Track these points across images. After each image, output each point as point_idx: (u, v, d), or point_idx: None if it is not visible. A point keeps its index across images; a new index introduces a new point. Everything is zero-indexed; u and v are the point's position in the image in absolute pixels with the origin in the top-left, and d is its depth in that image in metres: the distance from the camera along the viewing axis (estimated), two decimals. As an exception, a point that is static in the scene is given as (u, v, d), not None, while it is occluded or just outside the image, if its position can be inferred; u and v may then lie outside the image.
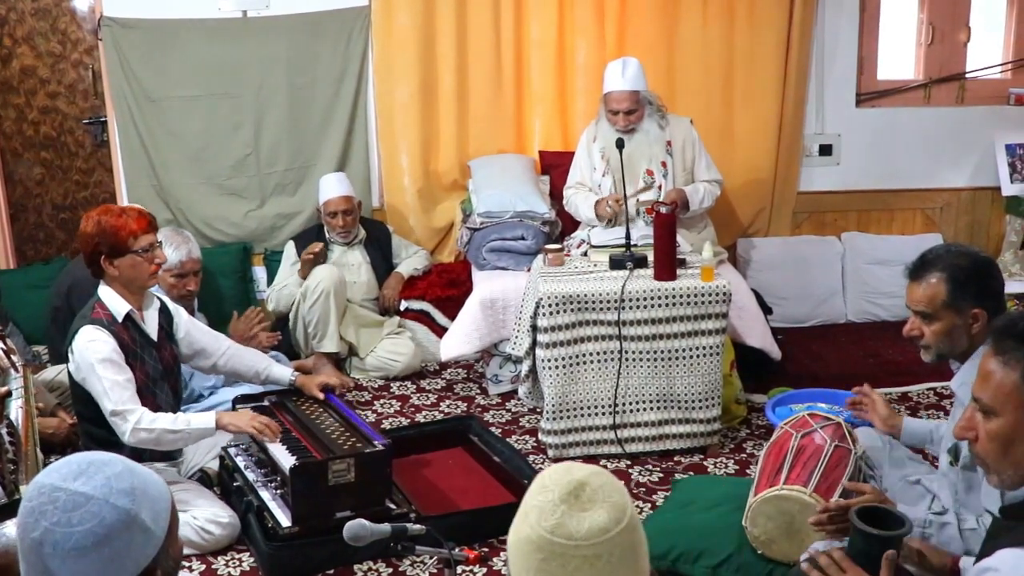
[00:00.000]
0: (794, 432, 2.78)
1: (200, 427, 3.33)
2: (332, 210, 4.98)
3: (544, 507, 1.42)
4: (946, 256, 2.56)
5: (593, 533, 1.39)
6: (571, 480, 1.43)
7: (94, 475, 1.45)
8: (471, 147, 5.39)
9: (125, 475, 1.48)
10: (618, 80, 4.47)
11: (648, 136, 4.55)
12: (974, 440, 1.84)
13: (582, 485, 1.43)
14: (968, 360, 2.54)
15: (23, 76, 5.55)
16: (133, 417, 3.21)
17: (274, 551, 3.18)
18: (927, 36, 5.57)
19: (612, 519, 1.40)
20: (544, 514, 1.41)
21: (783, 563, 2.69)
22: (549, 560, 1.40)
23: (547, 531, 1.40)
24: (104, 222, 3.28)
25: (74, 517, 1.42)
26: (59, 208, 5.76)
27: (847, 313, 5.60)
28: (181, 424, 3.28)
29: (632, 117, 4.50)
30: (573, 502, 1.41)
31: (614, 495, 1.43)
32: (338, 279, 4.82)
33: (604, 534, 1.39)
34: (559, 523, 1.40)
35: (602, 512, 1.40)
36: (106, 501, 1.44)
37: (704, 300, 3.87)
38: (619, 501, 1.43)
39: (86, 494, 1.43)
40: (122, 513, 1.44)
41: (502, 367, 4.71)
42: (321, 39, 5.21)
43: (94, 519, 1.42)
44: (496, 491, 3.69)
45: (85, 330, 3.25)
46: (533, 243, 4.76)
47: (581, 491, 1.42)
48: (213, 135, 5.26)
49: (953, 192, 5.72)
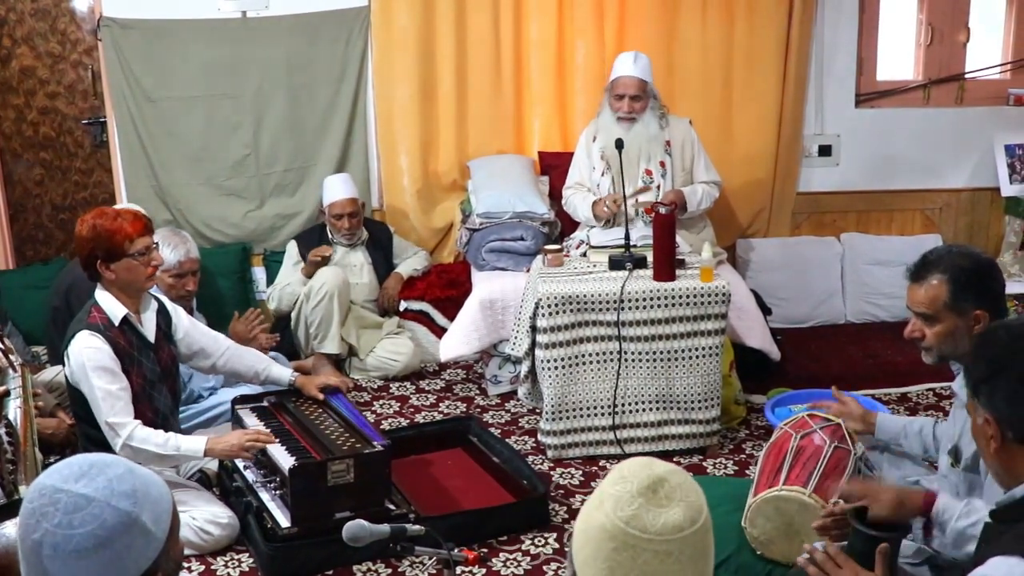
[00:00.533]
0: (793, 433, 2.78)
1: (188, 453, 3.31)
2: (338, 213, 4.98)
3: (621, 497, 1.43)
4: (947, 257, 2.55)
5: (667, 529, 1.40)
6: (651, 474, 1.45)
7: (96, 477, 1.45)
8: (470, 148, 5.39)
9: (127, 477, 1.48)
10: (629, 66, 4.50)
11: (648, 129, 4.55)
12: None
13: (661, 480, 1.44)
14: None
15: (22, 76, 5.55)
16: (124, 432, 3.19)
17: (273, 552, 3.18)
18: (926, 37, 5.57)
19: (688, 518, 1.42)
20: (621, 504, 1.42)
21: (782, 564, 2.68)
22: (620, 550, 1.41)
23: (622, 521, 1.41)
24: (99, 226, 3.24)
25: (75, 519, 1.41)
26: (58, 208, 5.76)
27: (846, 314, 5.60)
28: (170, 449, 3.25)
29: (636, 105, 4.51)
30: (651, 496, 1.42)
31: (692, 495, 1.44)
32: (343, 281, 4.82)
33: (678, 532, 1.40)
34: (635, 515, 1.41)
35: (679, 510, 1.42)
36: (107, 503, 1.43)
37: (703, 301, 3.87)
38: (696, 502, 1.44)
39: (87, 496, 1.43)
40: (123, 515, 1.44)
41: (501, 368, 4.71)
42: (321, 40, 5.21)
43: (95, 521, 1.42)
44: (495, 492, 3.69)
45: (81, 336, 3.24)
46: (532, 244, 4.76)
47: (660, 486, 1.43)
48: (212, 136, 5.25)
49: (952, 193, 5.72)
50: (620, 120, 4.52)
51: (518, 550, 3.37)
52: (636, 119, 4.53)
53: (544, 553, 3.35)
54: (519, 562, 3.30)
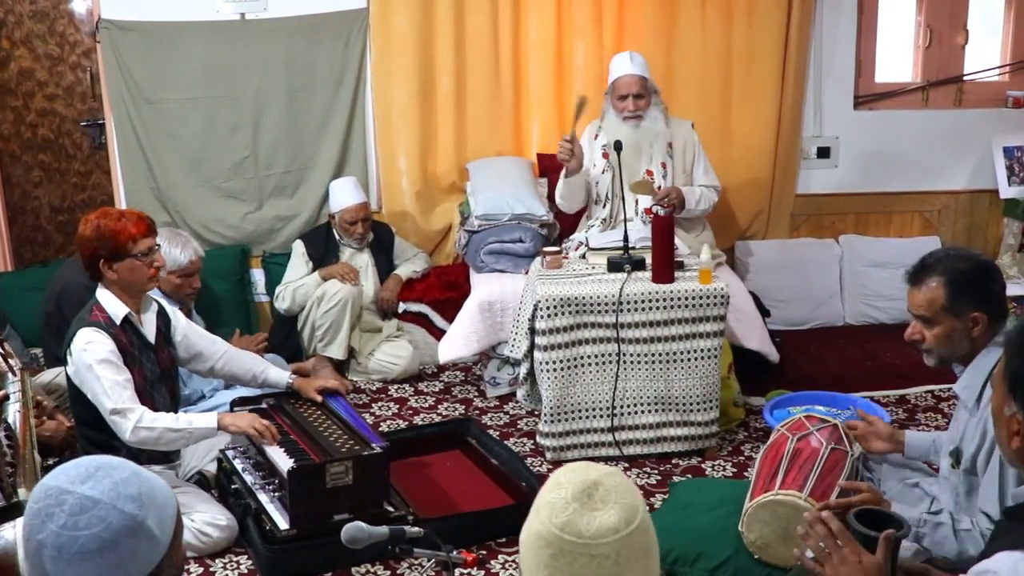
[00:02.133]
0: (790, 435, 2.78)
1: (202, 427, 3.33)
2: (352, 219, 4.97)
3: (556, 504, 1.44)
4: (945, 260, 2.56)
5: (602, 533, 1.41)
6: (585, 479, 1.45)
7: (102, 479, 1.45)
8: (469, 149, 5.39)
9: (133, 480, 1.47)
10: (627, 66, 4.52)
11: (656, 124, 4.56)
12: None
13: (595, 485, 1.44)
14: (971, 364, 2.55)
15: (21, 78, 5.55)
16: (134, 416, 3.20)
17: (272, 554, 3.18)
18: (925, 38, 5.57)
19: (622, 520, 1.42)
20: (556, 511, 1.43)
21: (779, 567, 2.68)
22: (558, 557, 1.42)
23: (557, 527, 1.42)
24: (103, 226, 3.27)
25: (80, 521, 1.41)
26: (57, 210, 5.76)
27: (845, 316, 5.60)
28: (183, 423, 3.28)
29: (641, 103, 4.52)
30: (585, 501, 1.43)
31: (627, 496, 1.44)
32: (358, 291, 4.84)
33: (613, 534, 1.41)
34: (569, 520, 1.41)
35: (613, 513, 1.42)
36: (113, 506, 1.43)
37: (702, 303, 3.87)
38: (631, 503, 1.44)
39: (93, 498, 1.42)
40: (129, 519, 1.43)
41: (500, 369, 4.71)
42: (319, 41, 5.21)
43: (101, 524, 1.41)
44: (494, 493, 3.69)
45: (83, 332, 3.25)
46: (531, 245, 4.76)
47: (594, 490, 1.44)
48: (211, 137, 5.25)
49: (951, 195, 5.72)
50: (627, 119, 4.52)
51: (516, 552, 3.36)
52: (643, 116, 4.53)
53: (543, 555, 3.35)
54: (517, 564, 3.30)
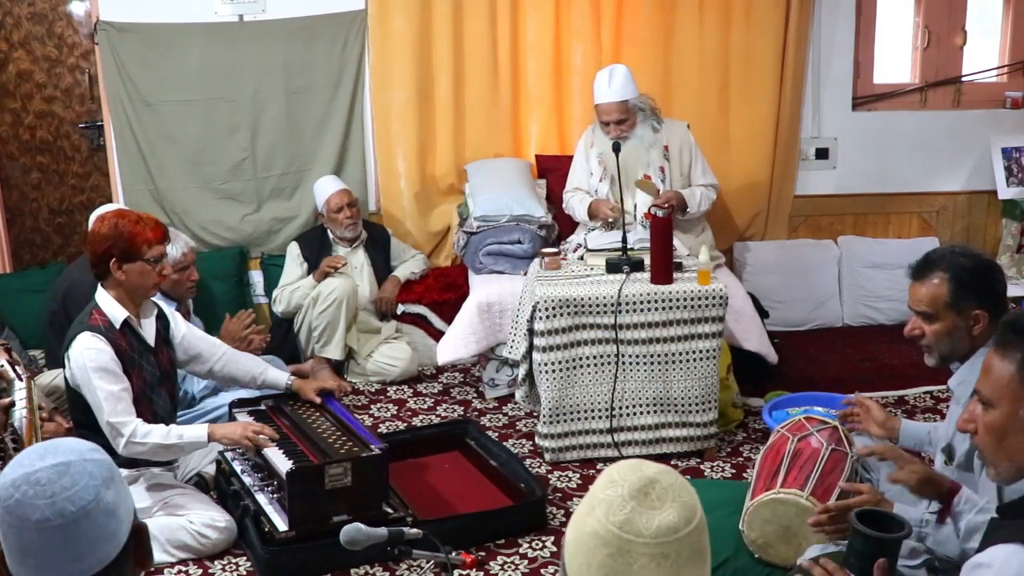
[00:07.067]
0: (790, 436, 2.78)
1: (192, 440, 3.34)
2: (337, 204, 4.98)
3: (613, 501, 1.40)
4: (950, 256, 2.56)
5: (663, 532, 1.37)
6: (641, 476, 1.42)
7: (57, 449, 1.44)
8: (467, 151, 5.39)
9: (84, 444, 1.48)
10: (605, 92, 4.46)
11: (643, 142, 4.55)
12: (974, 432, 1.88)
13: (652, 482, 1.41)
14: (968, 360, 2.55)
15: (19, 80, 5.55)
16: (127, 430, 3.21)
17: (271, 555, 3.18)
18: (923, 40, 5.58)
19: (682, 519, 1.39)
20: (613, 508, 1.39)
21: (780, 567, 2.68)
22: (615, 556, 1.38)
23: (616, 526, 1.38)
24: (121, 226, 3.28)
25: (65, 481, 1.40)
26: (55, 212, 5.76)
27: (843, 317, 5.61)
28: (173, 438, 3.28)
29: (623, 127, 4.50)
30: (643, 499, 1.40)
31: (684, 495, 1.42)
32: (352, 289, 4.83)
33: (674, 533, 1.38)
34: (628, 518, 1.38)
35: (672, 511, 1.39)
36: (84, 460, 1.43)
37: (701, 304, 3.87)
38: (689, 501, 1.41)
39: (64, 462, 1.42)
40: (106, 467, 1.44)
41: (499, 371, 4.70)
42: (317, 43, 5.21)
43: (85, 475, 1.42)
44: (493, 495, 3.69)
45: (82, 337, 3.24)
46: (530, 247, 4.76)
47: (651, 488, 1.41)
48: (209, 139, 5.25)
49: (949, 196, 5.72)
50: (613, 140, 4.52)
51: (515, 553, 3.37)
52: (628, 137, 4.52)
53: (541, 556, 3.35)
54: (516, 565, 3.30)
